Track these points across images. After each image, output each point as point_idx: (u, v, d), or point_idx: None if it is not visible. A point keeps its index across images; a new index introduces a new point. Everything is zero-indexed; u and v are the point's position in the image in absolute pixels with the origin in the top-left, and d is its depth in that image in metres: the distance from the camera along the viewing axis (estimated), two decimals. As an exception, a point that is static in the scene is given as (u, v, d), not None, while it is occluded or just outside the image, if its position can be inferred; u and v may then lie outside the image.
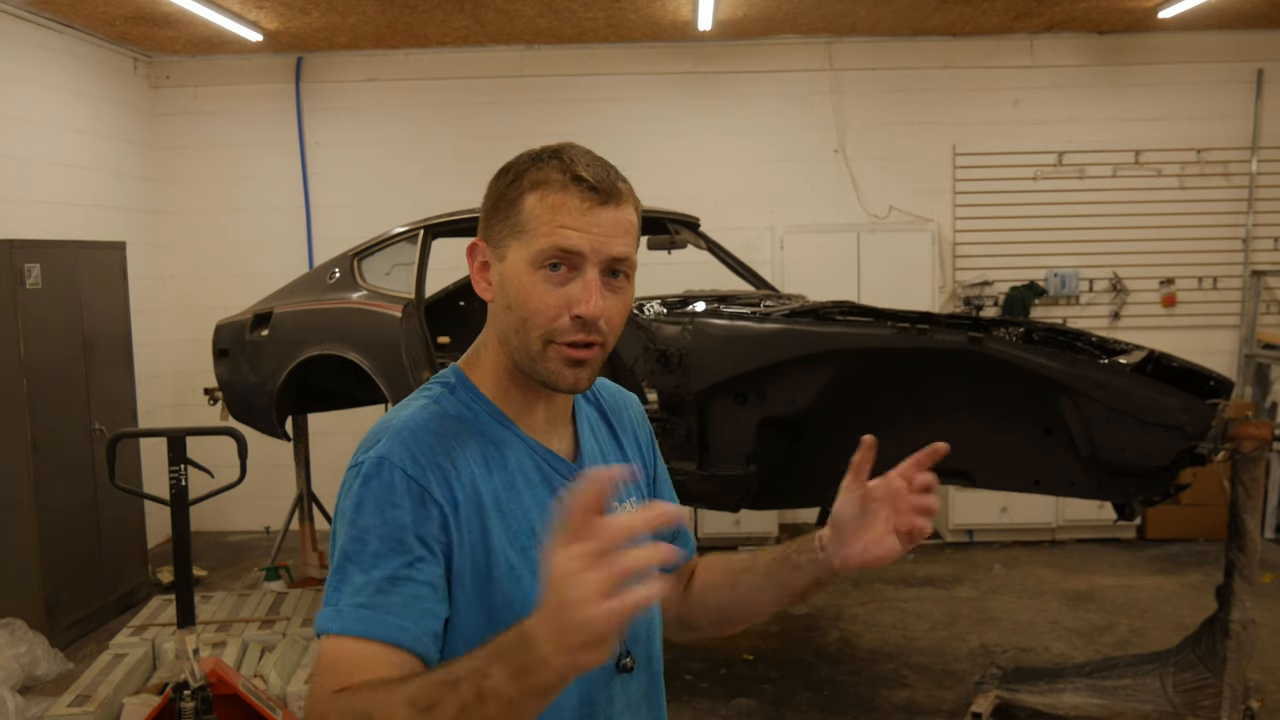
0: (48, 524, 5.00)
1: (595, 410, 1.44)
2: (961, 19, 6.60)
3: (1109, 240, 7.05)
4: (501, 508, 1.23)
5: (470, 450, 1.24)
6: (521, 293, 1.22)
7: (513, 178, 1.25)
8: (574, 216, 1.20)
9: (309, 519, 5.87)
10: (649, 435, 1.52)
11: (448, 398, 1.29)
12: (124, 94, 6.86)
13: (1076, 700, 3.77)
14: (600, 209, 1.21)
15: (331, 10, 6.02)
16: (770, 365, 3.85)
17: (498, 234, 1.26)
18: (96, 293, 5.48)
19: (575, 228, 1.20)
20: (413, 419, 1.24)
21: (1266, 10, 6.48)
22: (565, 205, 1.20)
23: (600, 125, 7.05)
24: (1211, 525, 6.14)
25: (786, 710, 4.30)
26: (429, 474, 1.18)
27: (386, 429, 1.23)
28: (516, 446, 1.28)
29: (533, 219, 1.22)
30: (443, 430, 1.23)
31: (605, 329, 1.24)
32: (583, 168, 1.22)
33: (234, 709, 3.62)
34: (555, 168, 1.22)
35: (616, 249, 1.22)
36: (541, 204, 1.21)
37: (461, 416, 1.27)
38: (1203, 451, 3.38)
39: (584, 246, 1.20)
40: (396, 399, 4.59)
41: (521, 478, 1.27)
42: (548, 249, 1.20)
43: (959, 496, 6.50)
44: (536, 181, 1.23)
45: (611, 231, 1.22)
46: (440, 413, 1.26)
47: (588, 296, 1.20)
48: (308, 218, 7.20)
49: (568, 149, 1.25)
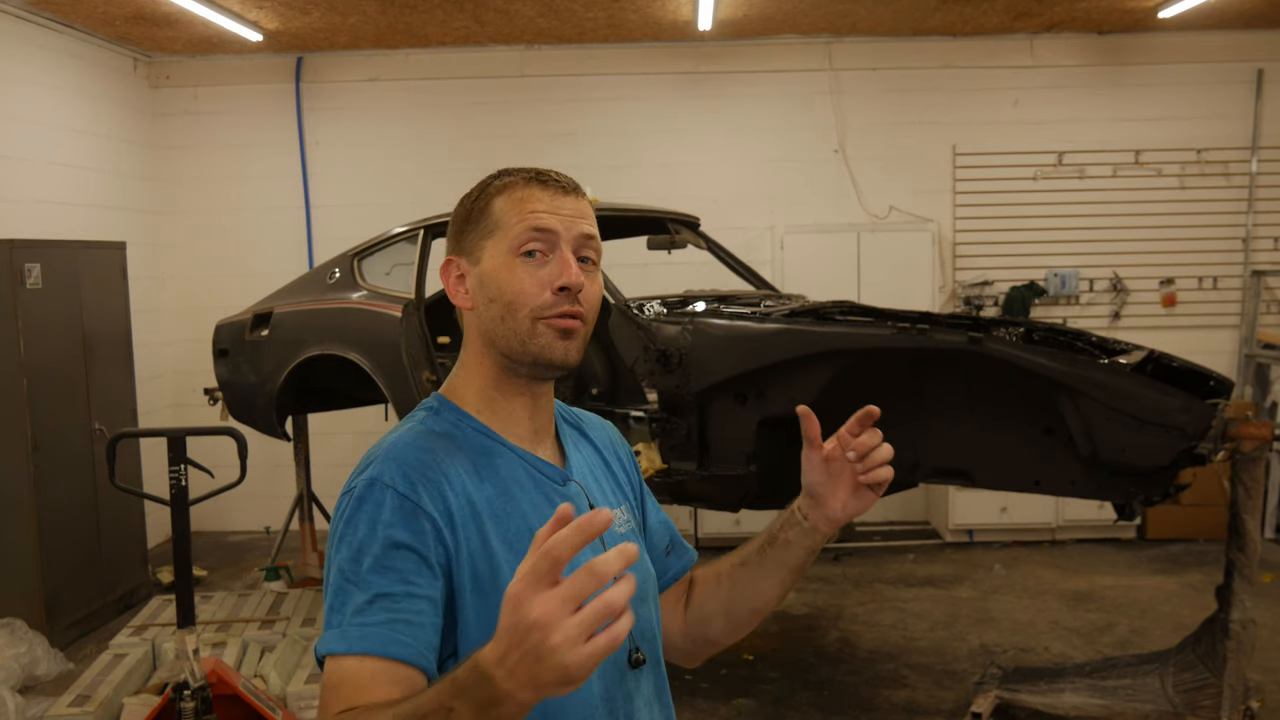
0: (48, 524, 5.00)
1: (575, 430, 1.47)
2: (961, 19, 6.60)
3: (1109, 240, 7.05)
4: (497, 515, 1.24)
5: (460, 462, 1.26)
6: (502, 281, 1.28)
7: (477, 193, 1.35)
8: (543, 202, 1.29)
9: (309, 519, 5.88)
10: (629, 453, 1.56)
11: (432, 418, 1.33)
12: (124, 94, 6.86)
13: (1076, 700, 3.77)
14: (565, 197, 1.30)
15: (331, 10, 6.02)
16: (770, 365, 3.85)
17: (470, 243, 1.33)
18: (96, 293, 5.48)
19: (546, 209, 1.29)
20: (400, 440, 1.27)
21: (1266, 10, 6.48)
22: (532, 195, 1.30)
23: (600, 125, 7.06)
24: (1211, 525, 6.14)
25: (786, 710, 4.30)
26: (420, 489, 1.20)
27: (376, 453, 1.26)
28: (506, 456, 1.30)
29: (504, 215, 1.30)
30: (431, 445, 1.26)
31: (585, 305, 1.30)
32: (540, 171, 1.32)
33: (234, 709, 3.62)
34: (518, 174, 1.33)
35: (585, 227, 1.30)
36: (509, 200, 1.30)
37: (449, 433, 1.30)
38: (1203, 451, 3.38)
39: (556, 225, 1.28)
40: (396, 399, 4.60)
41: (515, 485, 1.28)
42: (523, 233, 1.28)
43: (959, 496, 6.50)
44: (501, 187, 1.32)
45: (578, 214, 1.30)
46: (427, 431, 1.29)
47: (566, 268, 1.27)
48: (308, 218, 7.21)
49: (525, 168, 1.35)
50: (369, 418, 6.19)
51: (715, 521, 6.49)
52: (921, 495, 7.04)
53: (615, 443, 1.54)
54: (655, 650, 1.39)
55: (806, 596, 5.65)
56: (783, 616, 5.33)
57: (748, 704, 4.36)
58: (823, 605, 5.51)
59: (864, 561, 6.32)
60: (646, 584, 1.40)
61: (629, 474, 1.52)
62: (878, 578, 5.97)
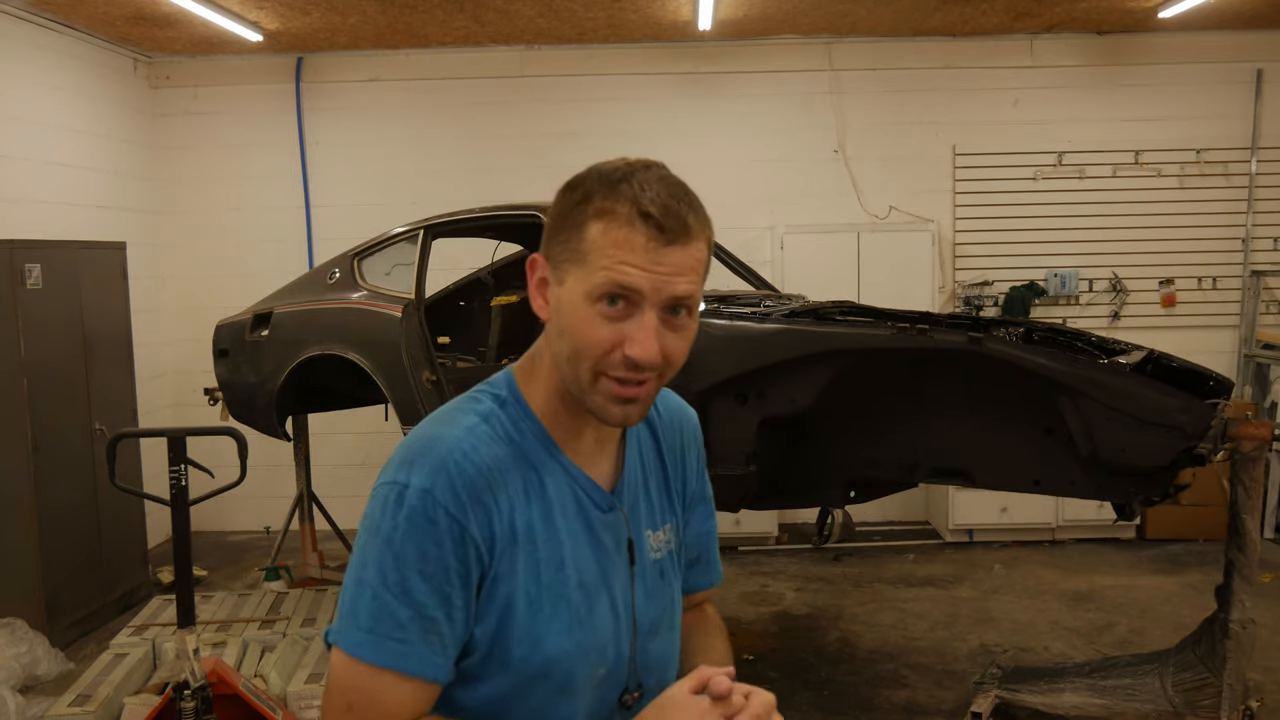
0: (48, 524, 5.00)
1: (648, 430, 1.41)
2: (961, 19, 6.60)
3: (1109, 240, 7.05)
4: (534, 541, 1.23)
5: (513, 480, 1.22)
6: (576, 323, 1.18)
7: (580, 198, 1.18)
8: (637, 254, 1.14)
9: (309, 519, 5.87)
10: (698, 456, 1.49)
11: (498, 416, 1.25)
12: (124, 94, 6.86)
13: (1076, 700, 3.77)
14: (666, 248, 1.15)
15: (331, 10, 6.02)
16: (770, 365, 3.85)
17: (558, 255, 1.20)
18: (96, 293, 5.48)
19: (637, 265, 1.14)
20: (460, 446, 1.20)
21: (1266, 10, 6.48)
22: (629, 242, 1.14)
23: (600, 125, 7.06)
24: (1211, 525, 6.14)
25: (787, 710, 4.26)
26: (470, 514, 1.17)
27: (432, 449, 1.19)
28: (558, 475, 1.26)
29: (594, 250, 1.15)
30: (488, 461, 1.20)
31: (660, 364, 1.19)
32: (650, 202, 1.14)
33: (234, 709, 3.62)
34: (624, 197, 1.15)
35: (679, 289, 1.16)
36: (605, 236, 1.15)
37: (510, 439, 1.24)
38: (1202, 451, 3.38)
39: (644, 286, 1.14)
40: (396, 399, 4.59)
41: (559, 509, 1.25)
42: (606, 284, 1.15)
43: (959, 496, 6.50)
44: (602, 210, 1.15)
45: (676, 271, 1.16)
46: (489, 436, 1.23)
47: (643, 339, 1.16)
48: (308, 218, 7.21)
49: (640, 173, 1.18)
50: (369, 418, 6.19)
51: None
52: (921, 495, 7.04)
53: (685, 443, 1.46)
54: (664, 678, 1.37)
55: (806, 596, 5.65)
56: (783, 616, 5.34)
57: (748, 704, 4.35)
58: (823, 605, 5.51)
59: (864, 561, 6.32)
60: (662, 618, 1.37)
61: (688, 480, 1.45)
62: (878, 578, 5.97)
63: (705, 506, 1.50)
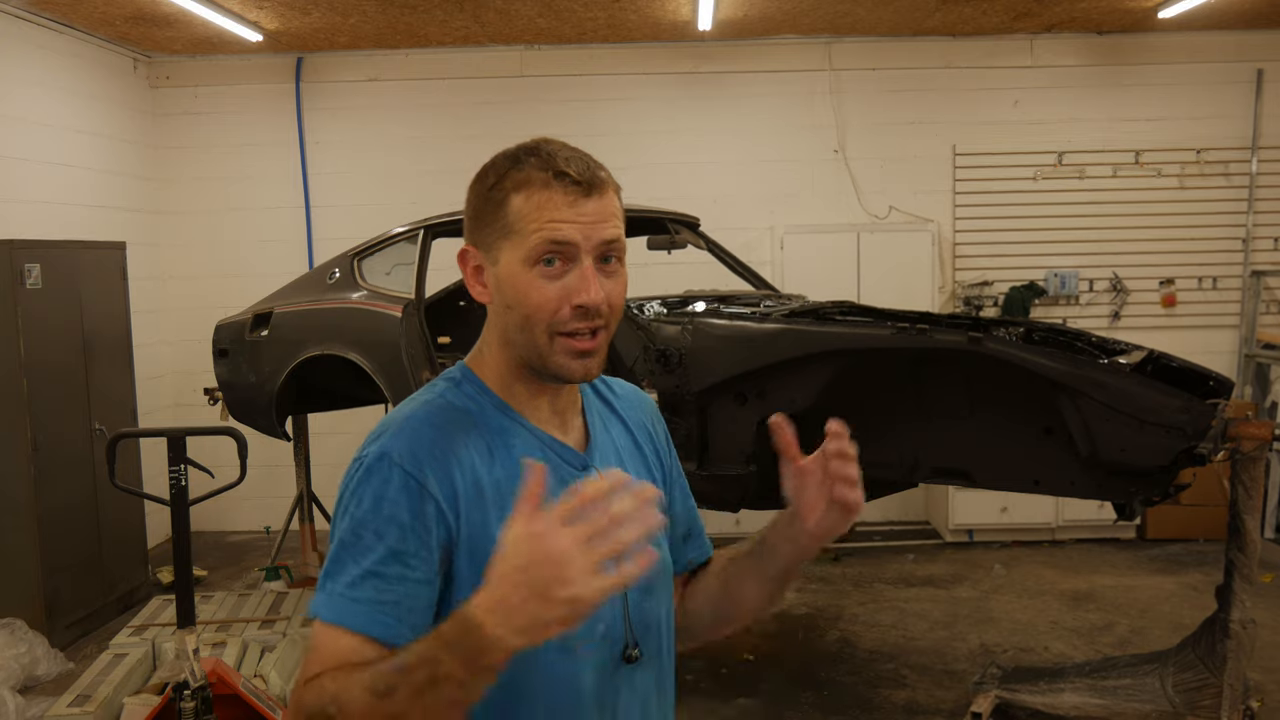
0: (48, 524, 5.00)
1: (603, 404, 1.44)
2: (961, 19, 6.60)
3: (1109, 240, 7.05)
4: (504, 497, 1.23)
5: (473, 441, 1.25)
6: (520, 291, 1.24)
7: (494, 180, 1.27)
8: (562, 210, 1.22)
9: (309, 519, 5.88)
10: (664, 433, 1.53)
11: (453, 391, 1.31)
12: (124, 94, 6.86)
13: (1076, 700, 3.77)
14: (585, 200, 1.23)
15: (331, 10, 6.02)
16: (770, 365, 3.86)
17: (486, 238, 1.28)
18: (96, 293, 5.48)
19: (565, 219, 1.22)
20: (415, 414, 1.27)
21: (1266, 10, 6.48)
22: (552, 201, 1.22)
23: (600, 125, 7.06)
24: (1211, 525, 6.13)
25: (787, 710, 4.30)
26: (427, 469, 1.20)
27: (390, 424, 1.26)
28: (523, 436, 1.29)
29: (521, 218, 1.23)
30: (445, 422, 1.25)
31: (607, 311, 1.26)
32: (562, 162, 1.24)
33: (234, 709, 3.62)
34: (535, 165, 1.24)
35: (607, 233, 1.24)
36: (528, 203, 1.23)
37: (466, 409, 1.29)
38: (1203, 451, 3.38)
39: (576, 237, 1.22)
40: (397, 399, 4.59)
41: None
42: (540, 244, 1.22)
43: (959, 496, 6.49)
44: (520, 182, 1.24)
45: (600, 218, 1.24)
46: (444, 405, 1.28)
47: (587, 285, 1.23)
48: (308, 218, 7.21)
49: (544, 145, 1.27)
50: (369, 418, 6.19)
51: (715, 521, 6.48)
52: (921, 495, 7.03)
53: (649, 419, 1.50)
54: (659, 644, 1.38)
55: (806, 596, 5.65)
56: (783, 616, 5.34)
57: (748, 703, 4.36)
58: (823, 605, 5.51)
59: (864, 561, 6.32)
60: (657, 575, 1.37)
61: (660, 454, 1.48)
62: (878, 578, 5.97)
63: (682, 483, 1.55)
